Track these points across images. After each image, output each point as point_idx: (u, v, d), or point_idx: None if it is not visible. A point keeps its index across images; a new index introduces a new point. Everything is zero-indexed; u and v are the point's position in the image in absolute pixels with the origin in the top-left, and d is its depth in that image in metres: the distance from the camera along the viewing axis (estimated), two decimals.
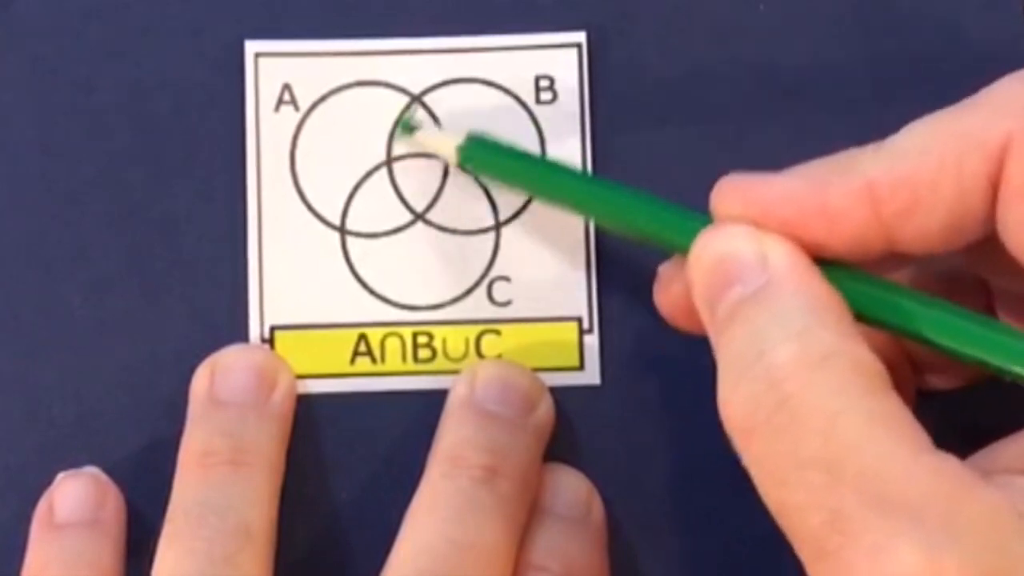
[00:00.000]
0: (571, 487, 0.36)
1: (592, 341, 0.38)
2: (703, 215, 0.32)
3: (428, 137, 0.38)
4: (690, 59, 0.39)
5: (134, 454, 0.37)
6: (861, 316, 0.30)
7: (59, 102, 0.38)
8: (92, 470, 0.37)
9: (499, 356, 0.38)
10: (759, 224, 0.31)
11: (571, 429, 0.37)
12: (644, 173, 0.38)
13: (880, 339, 0.31)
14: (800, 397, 0.28)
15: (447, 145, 0.37)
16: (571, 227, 0.38)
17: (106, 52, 0.39)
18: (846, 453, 0.27)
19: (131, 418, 0.37)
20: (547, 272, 0.38)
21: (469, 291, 0.38)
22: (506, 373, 0.37)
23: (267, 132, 0.38)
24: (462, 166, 0.37)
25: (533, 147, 0.38)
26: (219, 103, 0.39)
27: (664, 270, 0.35)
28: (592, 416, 0.38)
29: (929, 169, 0.29)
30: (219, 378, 0.37)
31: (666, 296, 0.34)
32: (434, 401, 0.37)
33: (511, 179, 0.37)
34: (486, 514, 0.34)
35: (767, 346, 0.28)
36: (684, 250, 0.32)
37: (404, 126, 0.38)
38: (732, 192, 0.31)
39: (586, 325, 0.38)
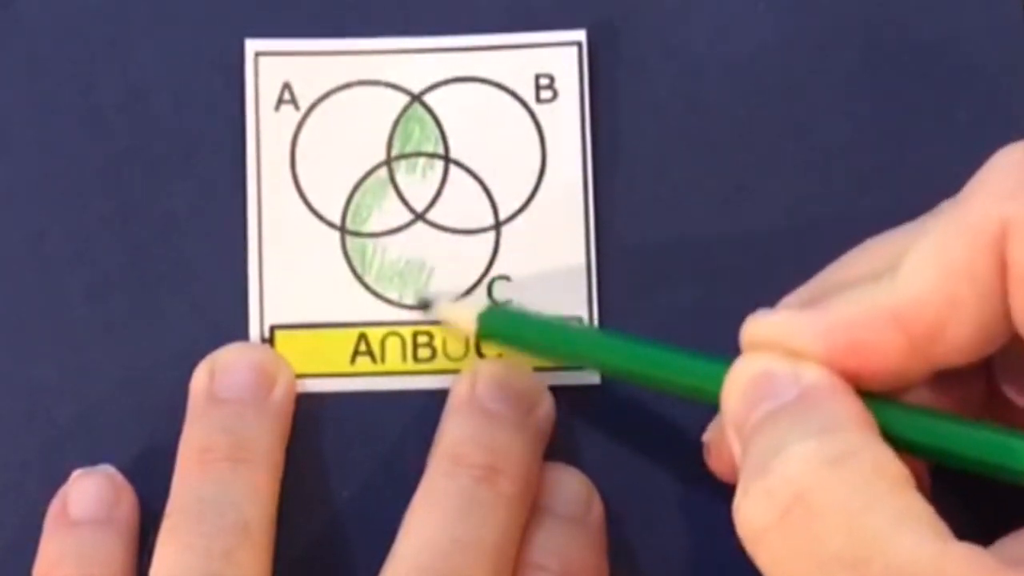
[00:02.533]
0: (571, 486, 0.36)
1: None
2: (732, 359, 0.31)
3: (445, 311, 0.37)
4: (690, 59, 0.39)
5: (134, 454, 0.37)
6: (898, 443, 0.30)
7: (59, 102, 0.38)
8: (107, 468, 0.37)
9: (499, 356, 0.38)
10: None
11: (571, 429, 0.37)
12: (644, 173, 0.38)
13: None
14: (819, 493, 0.28)
15: (466, 318, 0.37)
16: (571, 227, 0.38)
17: (106, 52, 0.39)
18: (872, 549, 0.27)
19: (131, 418, 0.37)
20: (547, 272, 0.38)
21: (469, 291, 0.38)
22: (507, 373, 0.37)
23: (267, 131, 0.38)
24: (482, 339, 0.37)
25: (533, 146, 0.38)
26: (219, 102, 0.39)
27: (709, 437, 0.35)
28: (592, 416, 0.38)
29: (945, 282, 0.29)
30: (219, 376, 0.37)
31: (719, 462, 0.34)
32: (434, 401, 0.37)
33: (532, 348, 0.36)
34: (487, 512, 0.34)
35: (786, 443, 0.28)
36: (717, 399, 0.31)
37: (421, 303, 0.38)
38: (762, 329, 0.31)
39: (586, 324, 0.38)
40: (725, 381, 0.31)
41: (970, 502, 0.33)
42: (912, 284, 0.29)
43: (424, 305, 0.38)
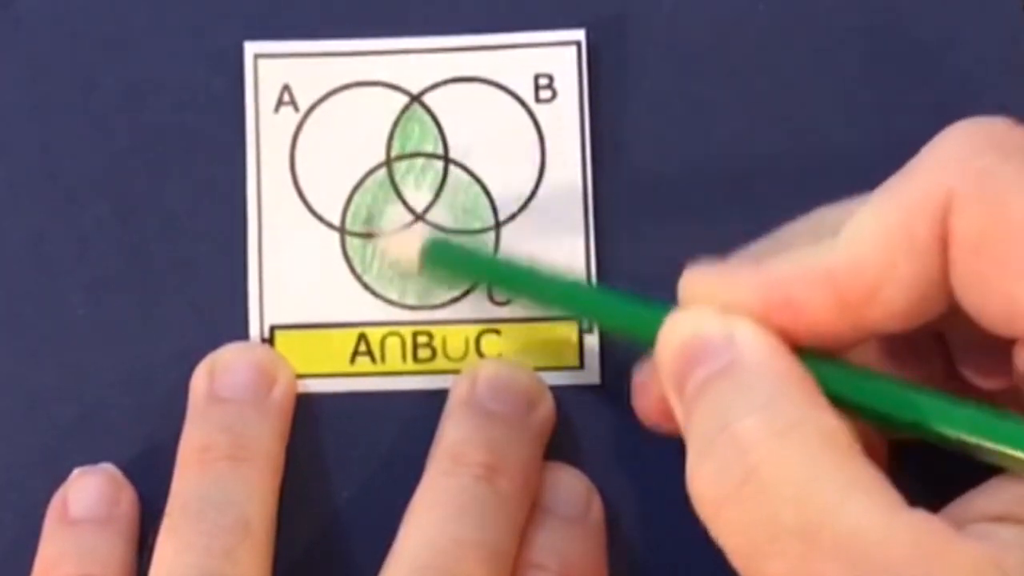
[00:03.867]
0: (571, 486, 0.36)
1: (592, 341, 0.38)
2: (669, 305, 0.32)
3: (390, 241, 0.38)
4: (690, 59, 0.39)
5: (134, 453, 0.37)
6: (833, 399, 0.30)
7: (59, 102, 0.38)
8: (107, 467, 0.37)
9: (499, 356, 0.38)
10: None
11: (571, 429, 0.37)
12: (644, 173, 0.38)
13: None
14: (768, 467, 0.28)
15: (410, 246, 0.37)
16: (571, 227, 0.38)
17: (106, 52, 0.39)
18: (821, 520, 0.27)
19: (131, 418, 0.37)
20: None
21: (469, 291, 0.38)
22: (507, 372, 0.37)
23: (267, 133, 0.39)
24: (426, 268, 0.37)
25: (532, 145, 0.38)
26: (219, 103, 0.39)
27: (638, 375, 0.35)
28: (592, 416, 0.38)
29: (883, 247, 0.29)
30: (219, 375, 0.37)
31: (645, 401, 0.34)
32: (434, 401, 0.37)
33: (475, 278, 0.37)
34: (487, 512, 0.34)
35: (732, 418, 0.29)
36: (653, 343, 0.32)
37: (367, 232, 0.38)
38: (699, 283, 0.31)
39: (586, 325, 0.38)
40: (659, 337, 0.31)
41: (925, 465, 0.33)
42: (849, 247, 0.29)
43: (369, 234, 0.38)
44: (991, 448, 0.29)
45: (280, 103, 0.39)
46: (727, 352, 0.30)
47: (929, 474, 0.32)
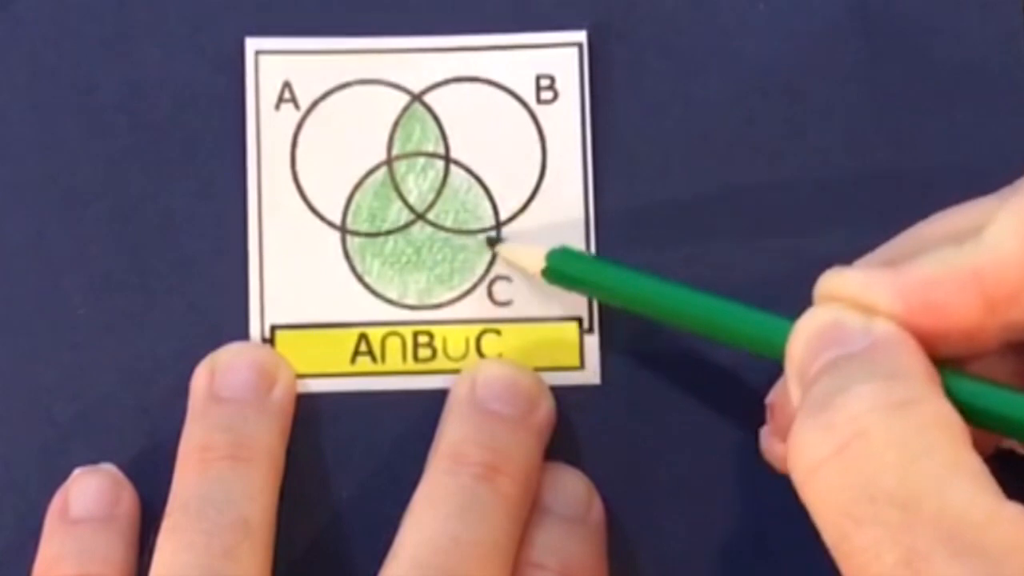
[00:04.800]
0: (571, 486, 0.36)
1: (592, 341, 0.38)
2: (792, 320, 0.31)
3: (512, 251, 0.38)
4: (690, 59, 0.39)
5: (134, 453, 0.37)
6: (964, 413, 0.29)
7: (59, 102, 0.38)
8: (108, 467, 0.37)
9: (499, 356, 0.38)
10: None
11: (571, 429, 0.37)
12: (644, 173, 0.38)
13: None
14: (878, 432, 0.27)
15: (533, 258, 0.37)
16: (571, 227, 0.38)
17: (106, 52, 0.39)
18: (925, 492, 0.27)
19: (131, 418, 0.37)
20: None
21: (469, 291, 0.38)
22: (507, 372, 0.37)
23: (267, 131, 0.38)
24: (548, 279, 0.37)
25: (533, 146, 0.38)
26: (219, 102, 0.39)
27: (772, 399, 0.34)
28: (592, 416, 0.38)
29: None
30: (219, 375, 0.37)
31: (779, 426, 0.34)
32: (434, 401, 0.37)
33: (596, 291, 0.37)
34: (487, 511, 0.34)
35: (852, 383, 0.28)
36: (779, 355, 0.31)
37: (488, 240, 0.38)
38: (838, 284, 0.31)
39: (586, 325, 0.38)
40: (793, 329, 0.30)
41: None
42: (996, 246, 0.29)
43: (491, 242, 0.38)
44: None
45: (281, 100, 0.39)
46: (860, 340, 0.29)
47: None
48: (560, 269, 0.37)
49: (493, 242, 0.38)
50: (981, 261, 0.29)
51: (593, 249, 0.38)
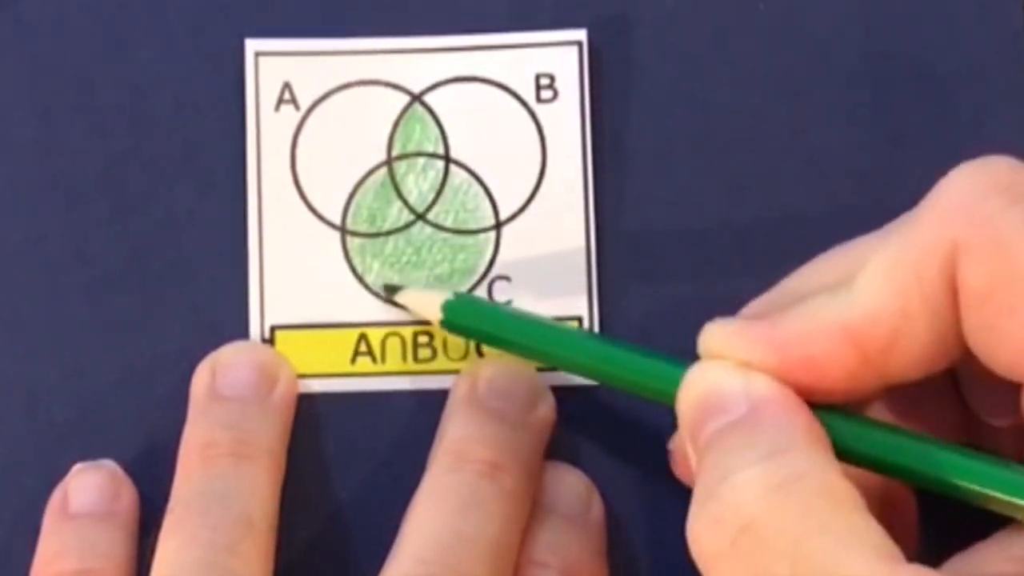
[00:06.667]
0: (571, 485, 0.36)
1: None
2: (687, 362, 0.32)
3: (409, 298, 0.38)
4: (690, 59, 0.39)
5: (134, 453, 0.37)
6: (847, 454, 0.30)
7: (59, 102, 0.38)
8: (108, 463, 0.37)
9: (499, 356, 0.38)
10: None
11: (571, 428, 0.37)
12: (644, 173, 0.38)
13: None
14: (764, 520, 0.28)
15: (431, 305, 0.37)
16: (571, 227, 0.38)
17: (106, 52, 0.39)
18: (819, 574, 0.27)
19: (131, 418, 0.37)
20: (547, 272, 0.38)
21: (469, 291, 0.38)
22: (507, 372, 0.37)
23: (267, 131, 0.38)
24: (446, 328, 0.37)
25: (533, 145, 0.38)
26: (219, 103, 0.39)
27: (674, 446, 0.35)
28: (592, 416, 0.38)
29: (896, 298, 0.29)
30: (220, 374, 0.37)
31: (684, 469, 0.35)
32: (434, 401, 0.37)
33: (494, 341, 0.36)
34: (489, 508, 0.34)
35: (733, 470, 0.28)
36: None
37: (387, 289, 0.38)
38: (718, 339, 0.31)
39: (586, 325, 0.38)
40: (679, 391, 0.31)
41: (933, 519, 0.33)
42: (865, 299, 0.30)
43: (390, 291, 0.38)
44: (1004, 501, 0.29)
45: (281, 101, 0.39)
46: (741, 405, 0.30)
47: (948, 522, 0.32)
48: (456, 320, 0.36)
49: (392, 290, 0.38)
50: (851, 315, 0.30)
51: (593, 248, 0.38)
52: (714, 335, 0.31)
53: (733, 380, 0.30)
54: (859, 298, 0.30)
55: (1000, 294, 0.29)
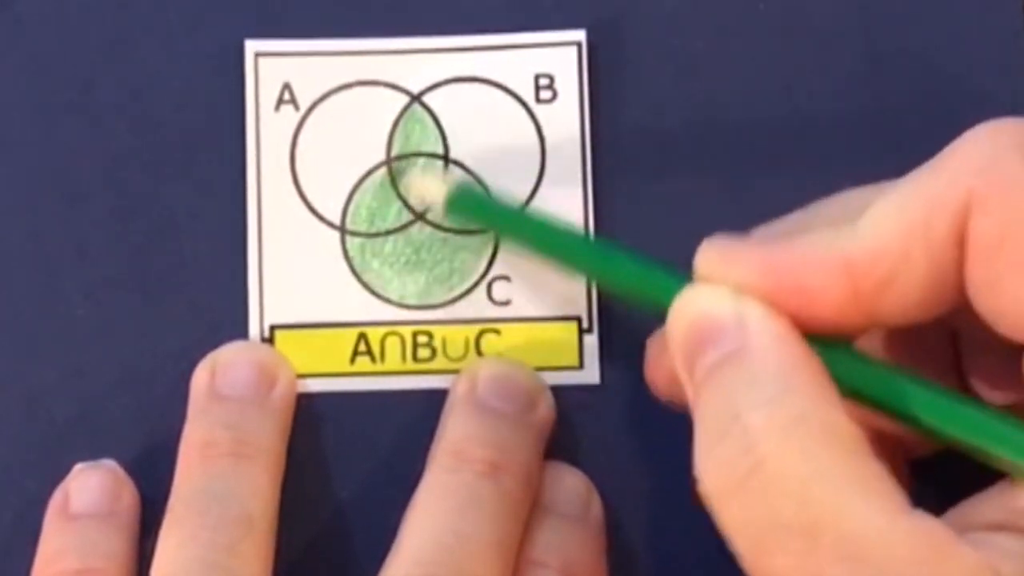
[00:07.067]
0: (570, 485, 0.36)
1: (592, 340, 0.38)
2: (685, 276, 0.32)
3: (416, 180, 0.38)
4: (690, 59, 0.39)
5: (134, 453, 0.37)
6: (841, 387, 0.30)
7: (59, 102, 0.38)
8: (109, 463, 0.37)
9: (499, 355, 0.38)
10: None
11: (571, 428, 0.37)
12: (644, 173, 0.38)
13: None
14: (773, 461, 0.28)
15: (435, 190, 0.37)
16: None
17: (106, 52, 0.39)
18: (822, 518, 0.27)
19: (131, 418, 0.37)
20: (547, 272, 0.38)
21: (469, 291, 0.38)
22: (508, 370, 0.37)
23: (267, 132, 0.39)
24: (448, 211, 0.37)
25: (532, 146, 0.38)
26: (219, 103, 0.39)
27: (652, 343, 0.35)
28: (592, 415, 0.38)
29: (900, 239, 0.29)
30: (220, 374, 0.37)
31: (658, 373, 0.34)
32: (434, 401, 0.37)
33: (496, 228, 0.37)
34: (490, 508, 0.34)
35: (741, 410, 0.29)
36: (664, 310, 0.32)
37: (396, 171, 0.38)
38: (713, 260, 0.31)
39: (586, 324, 0.38)
40: (671, 311, 0.31)
41: (937, 465, 0.33)
42: (867, 235, 0.29)
43: (398, 173, 0.38)
44: (994, 453, 0.29)
45: (281, 102, 0.39)
46: (737, 336, 0.30)
47: (941, 475, 0.32)
48: (461, 204, 0.37)
49: (400, 172, 0.38)
50: (851, 249, 0.30)
51: None
52: (710, 254, 0.31)
53: (726, 307, 0.30)
54: (862, 234, 0.30)
55: (1009, 248, 0.28)
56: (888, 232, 0.29)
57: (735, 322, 0.30)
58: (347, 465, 0.37)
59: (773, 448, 0.28)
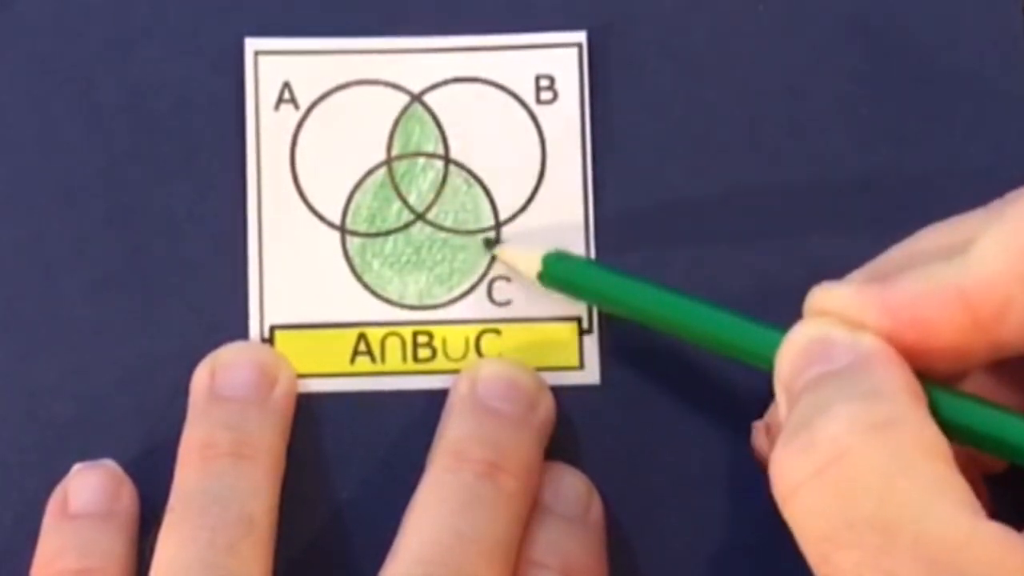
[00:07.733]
0: (570, 485, 0.36)
1: (592, 341, 0.38)
2: (784, 328, 0.31)
3: (509, 254, 0.38)
4: (690, 59, 0.39)
5: (134, 453, 0.37)
6: (946, 428, 0.29)
7: (59, 102, 0.38)
8: (108, 463, 0.37)
9: (499, 355, 0.38)
10: None
11: (571, 429, 0.37)
12: (644, 173, 0.38)
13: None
14: (857, 454, 0.28)
15: (530, 262, 0.37)
16: (570, 227, 0.38)
17: (106, 52, 0.39)
18: (904, 516, 0.27)
19: (131, 418, 0.37)
20: None
21: (469, 291, 0.38)
22: (508, 371, 0.37)
23: (267, 131, 0.38)
24: (544, 282, 0.37)
25: (533, 146, 0.38)
26: (219, 102, 0.39)
27: (767, 419, 0.35)
28: (592, 416, 0.38)
29: (1013, 264, 0.29)
30: (220, 374, 0.37)
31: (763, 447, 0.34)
32: (434, 401, 0.37)
33: (591, 297, 0.37)
34: (489, 508, 0.34)
35: (833, 402, 0.28)
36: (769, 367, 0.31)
37: (486, 242, 0.38)
38: (827, 299, 0.31)
39: (585, 325, 0.38)
40: (782, 342, 0.31)
41: (1009, 488, 0.33)
42: (983, 263, 0.29)
43: (488, 244, 0.38)
44: None
45: (281, 100, 0.39)
46: (849, 353, 0.29)
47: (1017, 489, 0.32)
48: (556, 274, 0.37)
49: (491, 243, 0.38)
50: (967, 279, 0.29)
51: (592, 249, 0.38)
52: (824, 295, 0.31)
53: (842, 333, 0.30)
54: (975, 262, 0.29)
55: None
56: (1000, 258, 0.29)
57: (849, 343, 0.30)
58: (347, 465, 0.37)
59: (859, 441, 0.28)
